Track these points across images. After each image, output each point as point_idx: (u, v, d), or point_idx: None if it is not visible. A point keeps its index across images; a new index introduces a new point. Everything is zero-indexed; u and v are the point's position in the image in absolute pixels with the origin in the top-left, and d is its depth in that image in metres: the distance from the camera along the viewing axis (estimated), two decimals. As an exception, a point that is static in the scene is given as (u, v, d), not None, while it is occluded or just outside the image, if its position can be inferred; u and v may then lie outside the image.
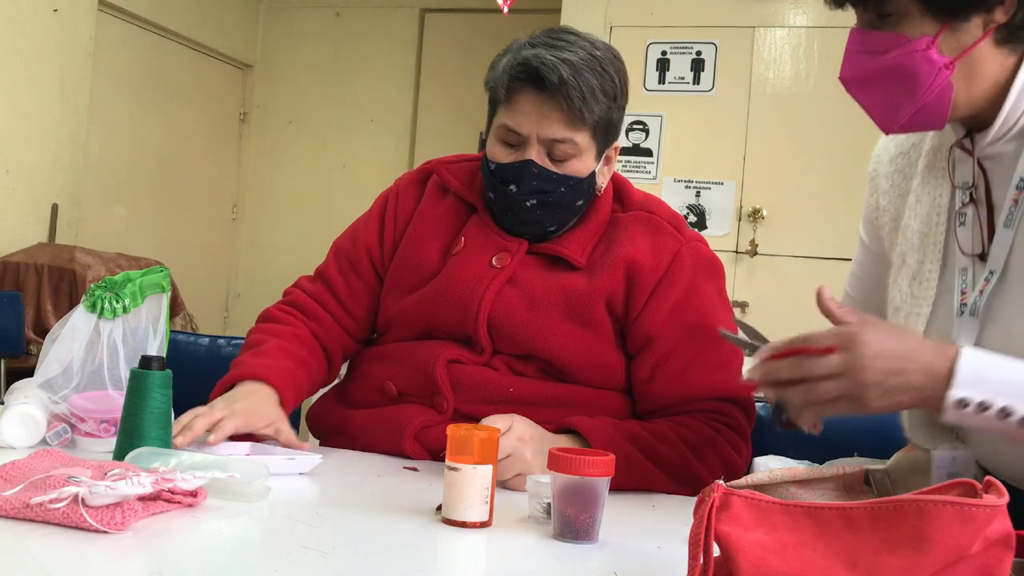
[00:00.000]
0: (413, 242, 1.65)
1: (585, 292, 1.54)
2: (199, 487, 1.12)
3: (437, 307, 1.58)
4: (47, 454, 1.21)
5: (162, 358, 1.32)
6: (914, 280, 1.33)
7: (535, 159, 1.51)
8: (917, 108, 1.21)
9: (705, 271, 1.59)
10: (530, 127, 1.50)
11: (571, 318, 1.53)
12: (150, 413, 1.28)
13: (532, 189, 1.51)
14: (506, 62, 1.52)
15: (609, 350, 1.55)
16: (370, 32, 6.02)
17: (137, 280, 1.50)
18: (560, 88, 1.46)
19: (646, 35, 4.98)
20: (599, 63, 1.50)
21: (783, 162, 4.72)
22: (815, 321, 1.34)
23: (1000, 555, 0.75)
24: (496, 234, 1.60)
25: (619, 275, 1.54)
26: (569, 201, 1.55)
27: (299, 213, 6.03)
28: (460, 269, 1.58)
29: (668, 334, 1.54)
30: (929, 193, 1.33)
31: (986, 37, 1.18)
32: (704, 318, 1.55)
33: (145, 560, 0.95)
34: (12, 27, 4.36)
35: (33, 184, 4.56)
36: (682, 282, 1.55)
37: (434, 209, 1.66)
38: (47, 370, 1.44)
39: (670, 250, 1.56)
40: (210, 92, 5.94)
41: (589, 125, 1.50)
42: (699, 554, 0.76)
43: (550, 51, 1.48)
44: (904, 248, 1.35)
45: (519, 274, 1.57)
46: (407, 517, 1.18)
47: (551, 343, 1.53)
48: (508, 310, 1.54)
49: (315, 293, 1.69)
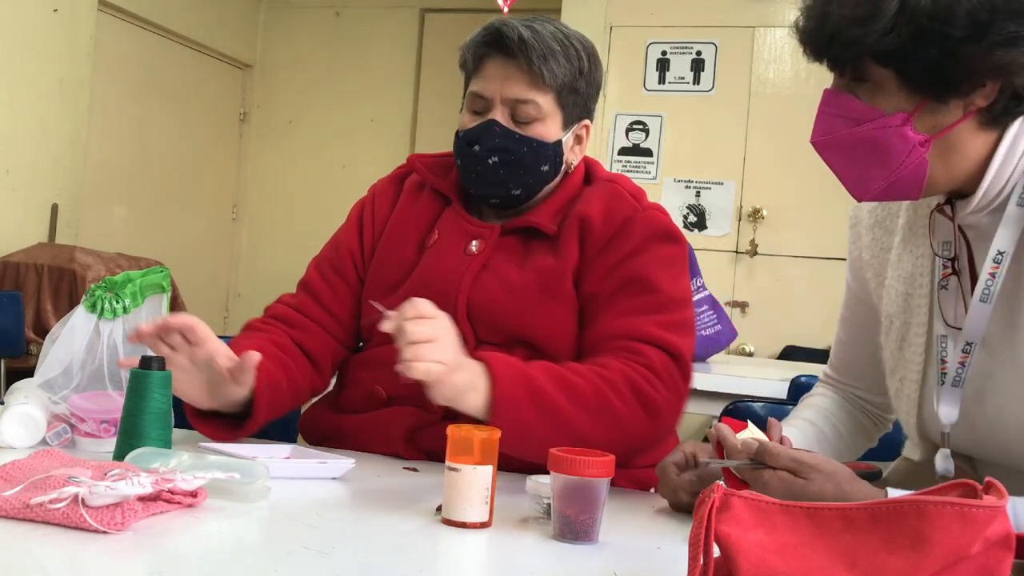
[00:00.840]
0: (390, 242, 1.65)
1: (555, 269, 1.54)
2: (199, 487, 1.12)
3: None
4: (47, 454, 1.21)
5: (162, 358, 1.32)
6: (903, 342, 1.32)
7: (498, 119, 1.55)
8: (890, 182, 1.18)
9: (657, 237, 1.57)
10: (493, 89, 1.55)
11: (547, 297, 1.53)
12: (150, 413, 1.28)
13: (494, 146, 1.55)
14: (475, 35, 1.59)
15: (577, 322, 1.55)
16: (370, 32, 6.03)
17: (137, 280, 1.50)
18: (520, 47, 1.52)
19: (646, 35, 4.98)
20: (564, 36, 1.57)
21: (783, 162, 4.72)
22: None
23: (1000, 556, 0.75)
24: (468, 222, 1.61)
25: (574, 238, 1.55)
26: (532, 163, 1.56)
27: (299, 213, 6.03)
28: (435, 261, 1.59)
29: (603, 289, 1.53)
30: (911, 252, 1.32)
31: (965, 120, 1.15)
32: (640, 272, 1.52)
33: (145, 560, 0.95)
34: (12, 27, 4.36)
35: (33, 184, 4.56)
36: (628, 247, 1.54)
37: (410, 208, 1.67)
38: (47, 370, 1.44)
39: (623, 215, 1.56)
40: (210, 92, 5.94)
41: (552, 87, 1.55)
42: (699, 554, 0.76)
43: (516, 21, 1.55)
44: (890, 310, 1.34)
45: (494, 259, 1.57)
46: (407, 517, 1.17)
47: (531, 326, 1.52)
48: (486, 296, 1.54)
49: (298, 304, 1.67)
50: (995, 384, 1.20)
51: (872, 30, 1.12)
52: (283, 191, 6.13)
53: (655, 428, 1.47)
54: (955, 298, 1.25)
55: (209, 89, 5.93)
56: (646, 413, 1.44)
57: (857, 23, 1.13)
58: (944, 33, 1.09)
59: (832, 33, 1.16)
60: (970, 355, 1.21)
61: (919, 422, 1.30)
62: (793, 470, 1.13)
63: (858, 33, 1.13)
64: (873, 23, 1.12)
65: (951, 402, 1.23)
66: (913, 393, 1.29)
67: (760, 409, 1.84)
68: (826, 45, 1.18)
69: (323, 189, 5.99)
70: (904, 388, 1.31)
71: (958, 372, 1.22)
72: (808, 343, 4.42)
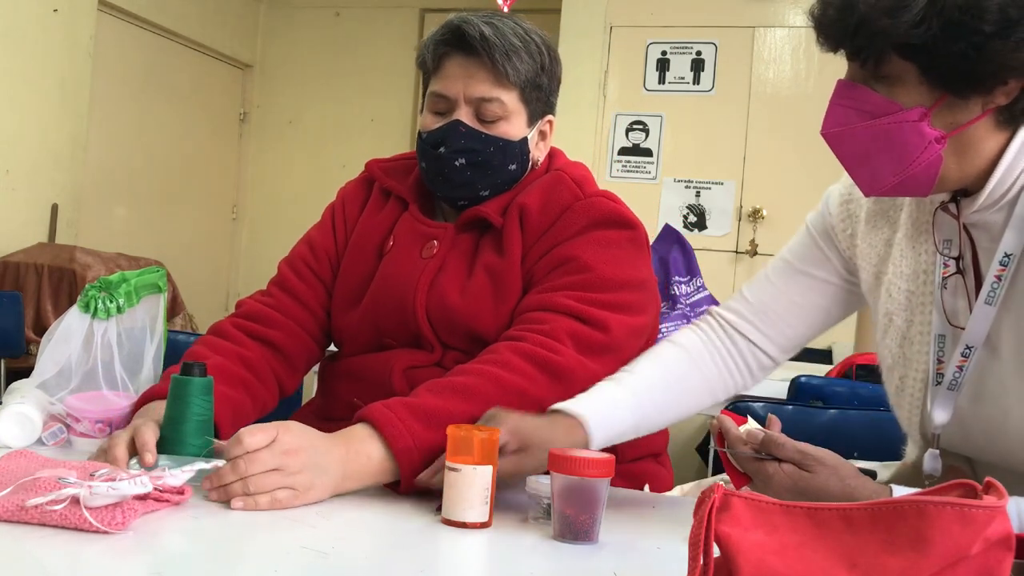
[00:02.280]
0: (353, 251, 1.63)
1: (503, 266, 1.52)
2: (185, 484, 1.11)
3: (379, 313, 1.56)
4: (21, 455, 1.20)
5: (204, 365, 1.30)
6: (904, 341, 1.30)
7: (463, 119, 1.52)
8: (902, 178, 1.16)
9: (602, 223, 1.52)
10: (456, 89, 1.52)
11: (499, 297, 1.51)
12: (191, 420, 1.26)
13: (460, 147, 1.52)
14: (433, 33, 1.57)
15: None
16: (370, 32, 6.03)
17: (132, 280, 1.49)
18: (483, 45, 1.49)
19: (646, 35, 4.98)
20: (524, 32, 1.54)
21: (783, 162, 4.73)
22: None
23: (1000, 556, 0.75)
24: (423, 224, 1.59)
25: (516, 230, 1.52)
26: (500, 163, 1.54)
27: (299, 213, 6.00)
28: (392, 269, 1.57)
29: (538, 273, 1.50)
30: (914, 249, 1.30)
31: (984, 117, 1.13)
32: (575, 255, 1.48)
33: (145, 560, 0.95)
34: (12, 27, 4.36)
35: (33, 184, 4.56)
36: (566, 234, 1.51)
37: (376, 214, 1.65)
38: (43, 371, 1.43)
39: (561, 204, 1.54)
40: (210, 92, 5.94)
41: (516, 84, 1.52)
42: (699, 554, 0.76)
43: (476, 17, 1.53)
44: (890, 308, 1.32)
45: (448, 261, 1.55)
46: (407, 517, 1.17)
47: (488, 326, 1.50)
48: (442, 300, 1.52)
49: (274, 302, 1.63)
50: (1000, 387, 1.19)
51: (901, 21, 1.09)
52: (283, 191, 6.13)
53: (566, 388, 1.37)
54: (957, 297, 1.23)
55: (209, 89, 5.93)
56: (548, 375, 1.36)
57: (886, 13, 1.10)
58: (975, 28, 1.07)
59: (858, 23, 1.12)
60: (969, 359, 1.19)
61: (921, 421, 1.29)
62: (798, 462, 1.13)
63: (886, 24, 1.10)
64: (903, 14, 1.09)
65: (944, 405, 1.23)
66: (917, 392, 1.28)
67: (760, 408, 1.84)
68: (850, 35, 1.14)
69: (323, 189, 5.95)
70: (906, 387, 1.30)
71: (955, 376, 1.21)
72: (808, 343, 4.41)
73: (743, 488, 1.25)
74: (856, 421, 1.83)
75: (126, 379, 1.46)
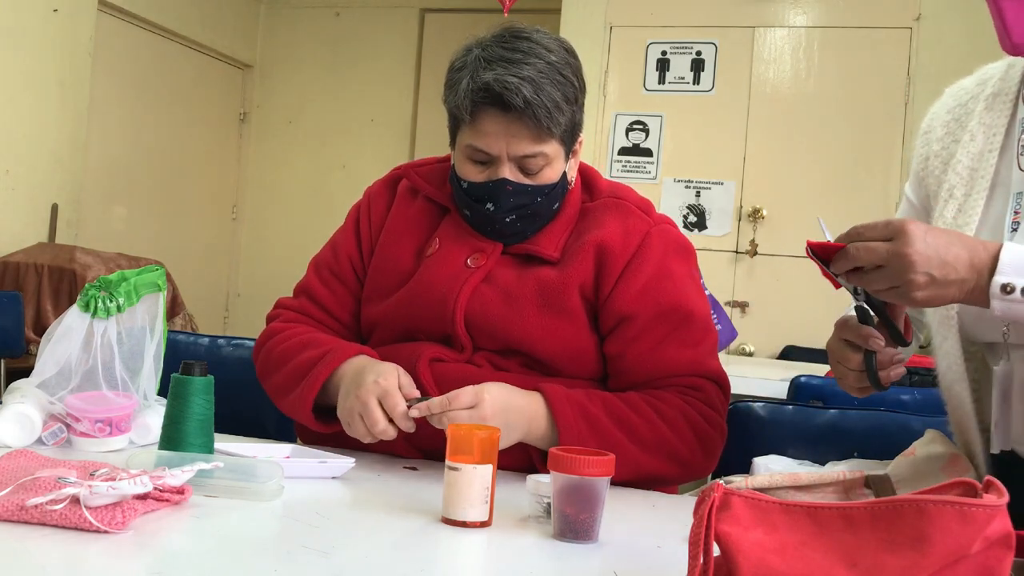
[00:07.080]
0: (387, 246, 1.65)
1: (558, 281, 1.54)
2: (185, 484, 1.11)
3: (414, 308, 1.58)
4: (21, 455, 1.20)
5: (204, 364, 1.30)
6: (959, 211, 1.34)
7: (508, 177, 1.51)
8: None
9: (675, 252, 1.60)
10: (499, 147, 1.49)
11: (546, 309, 1.53)
12: (192, 419, 1.27)
13: (510, 206, 1.52)
14: (466, 85, 1.48)
15: (585, 337, 1.55)
16: (370, 32, 6.03)
17: (132, 279, 1.49)
18: (526, 109, 1.45)
19: (646, 35, 4.98)
20: (558, 71, 1.49)
21: (783, 162, 4.73)
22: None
23: (1000, 555, 0.75)
24: (471, 235, 1.60)
25: (590, 260, 1.55)
26: (546, 208, 1.56)
27: (299, 213, 6.03)
28: (435, 270, 1.58)
29: (640, 312, 1.54)
30: (985, 129, 1.35)
31: None
32: (675, 297, 1.55)
33: (145, 560, 0.95)
34: (12, 27, 4.36)
35: (33, 184, 4.56)
36: (652, 261, 1.56)
37: (406, 212, 1.66)
38: (43, 370, 1.43)
39: (640, 231, 1.57)
40: (210, 92, 5.94)
41: (557, 136, 1.51)
42: (699, 554, 0.76)
43: (509, 69, 1.45)
44: (953, 182, 1.36)
45: (494, 272, 1.57)
46: (407, 517, 1.18)
47: (528, 335, 1.52)
48: (484, 307, 1.54)
49: (299, 307, 1.68)
50: None
51: None
52: (283, 191, 6.13)
53: (710, 460, 1.53)
54: None
55: (209, 89, 5.93)
56: (703, 449, 1.50)
57: None
58: None
59: None
60: None
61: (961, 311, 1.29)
62: (890, 236, 1.12)
63: None
64: None
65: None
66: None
67: (760, 409, 1.84)
68: None
69: (323, 189, 5.99)
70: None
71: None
72: (808, 343, 4.42)
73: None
74: (856, 421, 1.82)
75: (126, 378, 1.46)
